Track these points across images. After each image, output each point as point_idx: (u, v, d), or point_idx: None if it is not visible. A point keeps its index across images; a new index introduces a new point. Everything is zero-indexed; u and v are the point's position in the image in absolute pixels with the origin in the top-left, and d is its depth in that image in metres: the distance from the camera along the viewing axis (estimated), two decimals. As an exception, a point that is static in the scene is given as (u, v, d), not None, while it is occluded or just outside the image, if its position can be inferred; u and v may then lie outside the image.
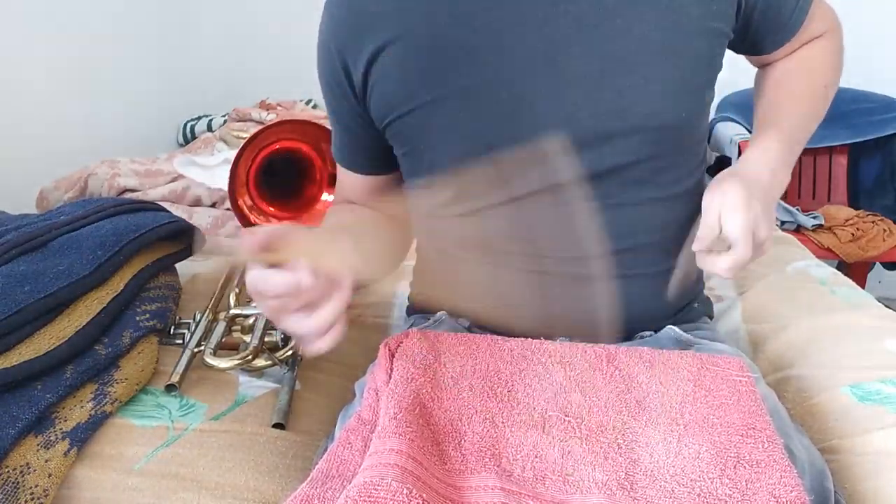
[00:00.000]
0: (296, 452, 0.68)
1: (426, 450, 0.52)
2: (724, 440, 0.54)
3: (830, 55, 0.77)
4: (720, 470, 0.51)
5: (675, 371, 0.62)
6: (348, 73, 0.69)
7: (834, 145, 2.15)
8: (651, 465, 0.52)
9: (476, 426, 0.56)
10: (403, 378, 0.59)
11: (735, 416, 0.57)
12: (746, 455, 0.53)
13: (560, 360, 0.64)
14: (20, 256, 0.81)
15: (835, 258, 1.94)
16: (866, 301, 1.00)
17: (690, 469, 0.52)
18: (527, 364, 0.63)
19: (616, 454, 0.53)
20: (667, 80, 0.65)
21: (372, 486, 0.46)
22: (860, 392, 0.75)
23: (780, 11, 0.71)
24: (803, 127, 0.73)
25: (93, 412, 0.68)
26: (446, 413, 0.57)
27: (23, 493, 0.58)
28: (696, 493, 0.50)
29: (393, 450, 0.50)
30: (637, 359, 0.64)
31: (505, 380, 0.61)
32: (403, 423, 0.53)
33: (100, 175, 1.38)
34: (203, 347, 0.79)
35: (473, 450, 0.53)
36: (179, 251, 0.98)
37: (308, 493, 0.50)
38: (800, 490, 0.50)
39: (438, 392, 0.59)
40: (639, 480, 0.51)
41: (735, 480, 0.51)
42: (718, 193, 0.63)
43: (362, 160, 0.78)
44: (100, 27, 1.96)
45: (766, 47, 0.75)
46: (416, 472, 0.49)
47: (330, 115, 0.77)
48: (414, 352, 0.62)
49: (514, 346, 0.65)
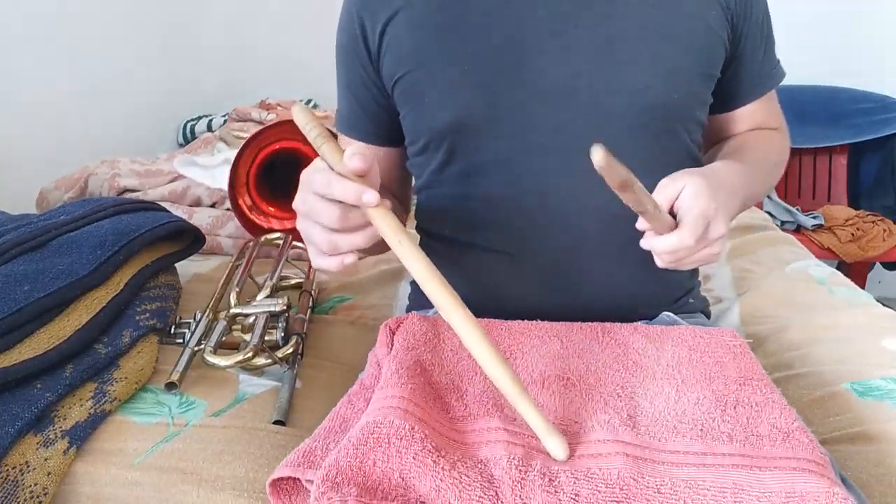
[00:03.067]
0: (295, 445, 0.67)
1: (428, 400, 0.52)
2: (722, 389, 0.55)
3: (780, 147, 0.82)
4: (720, 411, 0.52)
5: (670, 338, 0.64)
6: (365, 36, 0.73)
7: (834, 145, 2.15)
8: (652, 410, 0.53)
9: (477, 384, 0.56)
10: (404, 347, 0.59)
11: (731, 371, 0.57)
12: (745, 399, 0.54)
13: (557, 335, 0.65)
14: (20, 256, 0.81)
15: (835, 258, 1.95)
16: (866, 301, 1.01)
17: (691, 412, 0.52)
18: (524, 338, 0.64)
19: (616, 401, 0.54)
20: (662, 60, 0.68)
21: (375, 425, 0.46)
22: (861, 388, 0.75)
23: (761, 61, 0.77)
24: (759, 182, 0.74)
25: (92, 411, 0.68)
26: (447, 374, 0.57)
27: (22, 491, 0.58)
28: (699, 428, 0.50)
29: (395, 395, 0.50)
30: (632, 330, 0.66)
31: (504, 349, 0.62)
32: (405, 377, 0.53)
33: (100, 175, 1.38)
34: (203, 346, 0.79)
35: (475, 401, 0.54)
36: (179, 251, 0.98)
37: (310, 446, 0.50)
38: (800, 422, 0.50)
39: (438, 359, 0.59)
40: (641, 420, 0.51)
41: (735, 418, 0.51)
42: (684, 176, 0.59)
43: (369, 127, 0.79)
44: (100, 27, 1.96)
45: (741, 97, 0.78)
46: (418, 413, 0.49)
47: (341, 85, 0.80)
48: (414, 329, 0.63)
49: (511, 325, 0.67)
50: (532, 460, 0.46)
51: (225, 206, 1.32)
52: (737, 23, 0.72)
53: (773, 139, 0.81)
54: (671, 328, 0.66)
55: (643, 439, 0.49)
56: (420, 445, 0.45)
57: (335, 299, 1.06)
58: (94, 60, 1.94)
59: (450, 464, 0.45)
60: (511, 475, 0.45)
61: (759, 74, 0.77)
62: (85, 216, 0.91)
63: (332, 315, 1.01)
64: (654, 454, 0.48)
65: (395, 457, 0.45)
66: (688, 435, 0.49)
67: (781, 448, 0.47)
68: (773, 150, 0.79)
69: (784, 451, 0.47)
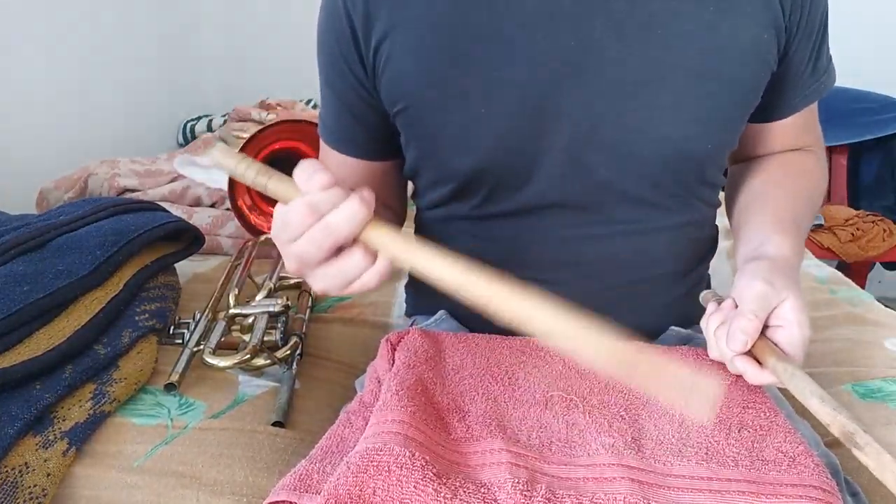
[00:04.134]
0: (294, 449, 0.68)
1: (429, 422, 0.51)
2: (726, 412, 0.54)
3: (819, 183, 0.73)
4: (725, 434, 0.52)
5: None
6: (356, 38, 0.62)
7: (834, 145, 2.15)
8: (657, 433, 0.52)
9: (479, 404, 0.55)
10: (405, 364, 0.58)
11: (735, 394, 0.57)
12: (749, 422, 0.53)
13: (559, 352, 0.64)
14: (19, 256, 0.81)
15: (835, 258, 1.95)
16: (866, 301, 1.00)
17: (695, 435, 0.52)
18: (526, 357, 0.64)
19: (620, 423, 0.53)
20: (699, 107, 0.60)
21: (374, 451, 0.45)
22: (862, 390, 0.75)
23: (809, 74, 0.68)
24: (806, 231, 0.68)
25: (91, 412, 0.68)
26: (449, 394, 0.57)
27: (21, 492, 0.58)
28: (704, 452, 0.50)
29: (395, 420, 0.49)
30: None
31: (505, 368, 0.61)
32: (405, 398, 0.52)
33: (100, 175, 1.38)
34: (202, 347, 0.79)
35: (477, 422, 0.53)
36: (179, 251, 0.98)
37: (307, 469, 0.49)
38: (805, 446, 0.50)
39: (440, 378, 0.59)
40: (646, 444, 0.51)
41: (741, 441, 0.51)
42: (783, 292, 0.54)
43: (368, 142, 0.70)
44: (100, 27, 1.96)
45: (779, 111, 0.70)
46: (419, 438, 0.48)
47: (329, 94, 0.69)
48: (416, 345, 0.62)
49: (513, 342, 0.66)
50: (537, 484, 0.46)
51: (225, 206, 1.32)
52: (789, 39, 0.63)
53: (813, 175, 0.71)
54: (674, 349, 0.65)
55: (648, 463, 0.48)
56: (421, 473, 0.44)
57: (334, 298, 1.06)
58: (95, 60, 1.94)
59: (451, 491, 0.44)
60: (515, 500, 0.44)
61: (802, 88, 0.68)
62: (84, 216, 0.91)
63: (330, 314, 1.01)
64: (659, 479, 0.47)
65: (395, 485, 0.44)
66: (693, 459, 0.49)
67: (787, 474, 0.47)
68: (816, 197, 0.70)
69: (790, 477, 0.47)
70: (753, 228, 0.64)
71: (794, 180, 0.69)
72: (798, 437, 0.51)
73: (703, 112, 0.60)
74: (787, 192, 0.67)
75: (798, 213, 0.65)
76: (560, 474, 0.48)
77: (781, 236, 0.60)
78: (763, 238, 0.61)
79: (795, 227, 0.63)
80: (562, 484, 0.47)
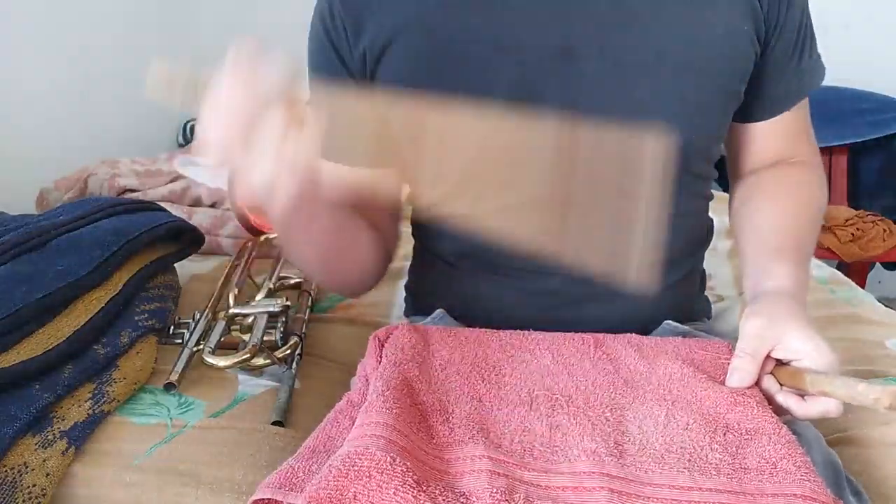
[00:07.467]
0: (294, 448, 0.67)
1: (413, 425, 0.52)
2: (713, 412, 0.55)
3: (819, 208, 0.73)
4: (709, 438, 0.52)
5: (663, 353, 0.63)
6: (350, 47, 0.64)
7: (834, 145, 2.15)
8: (640, 436, 0.52)
9: (464, 405, 0.56)
10: (392, 363, 0.59)
11: (723, 392, 0.57)
12: (735, 424, 0.53)
13: (548, 347, 0.64)
14: (19, 256, 0.81)
15: (835, 258, 1.94)
16: (866, 301, 1.00)
17: (680, 439, 0.52)
18: (515, 351, 0.64)
19: (604, 426, 0.54)
20: (681, 99, 0.62)
21: (356, 455, 0.46)
22: (861, 391, 0.74)
23: (791, 72, 0.68)
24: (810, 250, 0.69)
25: (91, 411, 0.68)
26: (434, 394, 0.57)
27: (20, 492, 0.58)
28: (687, 459, 0.50)
29: (378, 422, 0.50)
30: (625, 343, 0.65)
31: (493, 364, 0.61)
32: (390, 399, 0.52)
33: (100, 175, 1.38)
34: (202, 346, 0.79)
35: (461, 424, 0.53)
36: (179, 251, 0.98)
37: (293, 467, 0.50)
38: (790, 448, 0.50)
39: (426, 376, 0.59)
40: (628, 449, 0.51)
41: (725, 446, 0.51)
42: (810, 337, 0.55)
43: (368, 148, 0.69)
44: (100, 27, 1.96)
45: (771, 105, 0.70)
46: (401, 442, 0.49)
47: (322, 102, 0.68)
48: (403, 341, 0.62)
49: (502, 336, 0.66)
50: (515, 493, 0.46)
51: (225, 206, 1.32)
52: (769, 30, 0.64)
53: (811, 188, 0.72)
54: (665, 341, 0.65)
55: (629, 471, 0.49)
56: (401, 480, 0.45)
57: (334, 298, 1.06)
58: (95, 60, 1.94)
59: (430, 499, 0.44)
60: None
61: (785, 83, 0.69)
62: (84, 216, 0.91)
63: (330, 314, 1.01)
64: (638, 488, 0.47)
65: (375, 491, 0.44)
66: (675, 466, 0.49)
67: (769, 483, 0.47)
68: (816, 211, 0.71)
69: (772, 486, 0.47)
70: (750, 263, 0.66)
71: (793, 197, 0.70)
72: (783, 439, 0.51)
73: (684, 103, 0.62)
74: (785, 212, 0.68)
75: (799, 233, 0.66)
76: (539, 482, 0.48)
77: (780, 265, 0.62)
78: (761, 272, 0.63)
79: (796, 251, 0.64)
80: (540, 493, 0.47)
